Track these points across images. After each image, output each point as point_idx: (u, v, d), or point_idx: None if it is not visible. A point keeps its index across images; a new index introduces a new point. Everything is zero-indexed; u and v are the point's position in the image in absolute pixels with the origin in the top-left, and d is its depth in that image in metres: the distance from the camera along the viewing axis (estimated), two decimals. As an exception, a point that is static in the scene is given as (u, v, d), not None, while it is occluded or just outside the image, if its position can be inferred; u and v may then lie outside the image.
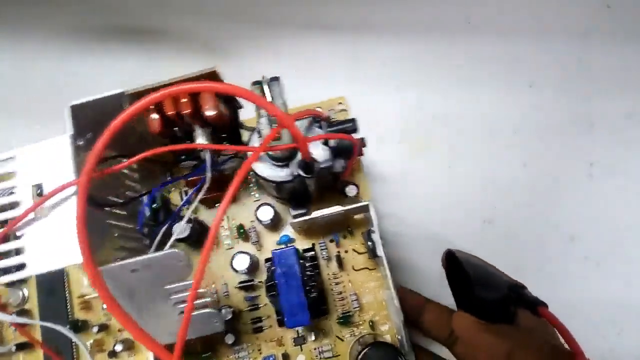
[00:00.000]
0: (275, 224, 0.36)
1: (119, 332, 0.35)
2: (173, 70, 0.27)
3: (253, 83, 0.30)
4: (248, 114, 0.33)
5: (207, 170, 0.28)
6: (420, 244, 0.47)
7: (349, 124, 0.30)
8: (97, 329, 0.34)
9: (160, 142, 0.37)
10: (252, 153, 0.25)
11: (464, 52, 0.55)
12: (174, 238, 0.28)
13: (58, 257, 0.24)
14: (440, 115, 0.52)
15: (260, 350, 0.34)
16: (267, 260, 0.35)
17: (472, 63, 0.54)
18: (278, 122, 0.25)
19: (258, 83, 0.29)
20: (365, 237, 0.33)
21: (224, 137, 0.31)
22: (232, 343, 0.33)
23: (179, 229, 0.30)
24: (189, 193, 0.35)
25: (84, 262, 0.22)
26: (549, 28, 0.55)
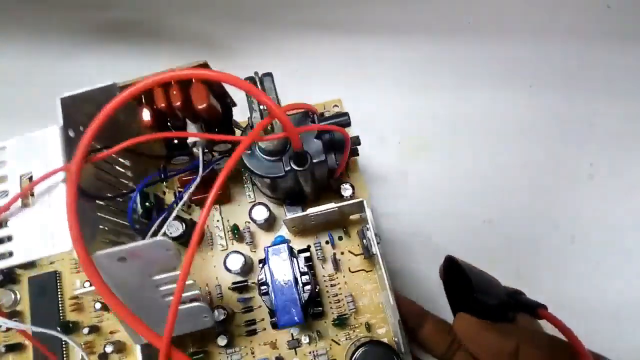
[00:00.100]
0: (270, 225, 0.36)
1: (110, 334, 0.34)
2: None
3: (246, 79, 0.29)
4: (243, 117, 0.33)
5: (199, 162, 0.27)
6: (420, 244, 0.46)
7: (342, 118, 0.29)
8: (87, 330, 0.34)
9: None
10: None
11: (464, 52, 0.55)
12: (164, 230, 0.28)
13: (46, 244, 0.23)
14: (440, 115, 0.52)
15: (254, 353, 0.33)
16: (261, 262, 0.34)
17: (472, 63, 0.54)
18: (268, 111, 0.24)
19: (251, 79, 0.29)
20: (361, 235, 0.32)
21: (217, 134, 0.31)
22: (224, 345, 0.32)
23: (169, 222, 0.29)
24: (182, 191, 0.35)
25: (74, 244, 0.21)
26: (549, 28, 0.55)
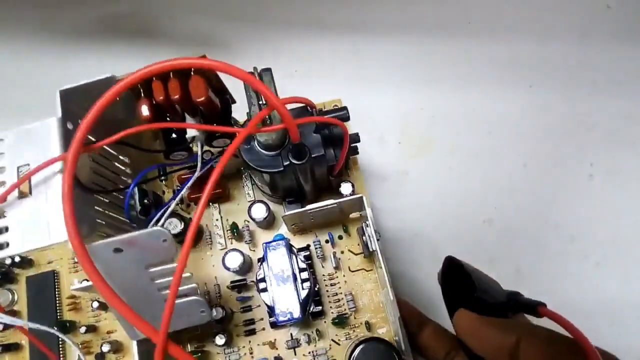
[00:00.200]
0: (270, 223, 0.36)
1: (107, 333, 0.34)
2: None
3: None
4: (243, 117, 0.33)
5: (198, 157, 0.27)
6: (420, 244, 0.46)
7: (341, 112, 0.29)
8: (84, 330, 0.33)
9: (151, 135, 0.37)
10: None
11: (464, 52, 0.54)
12: (162, 222, 0.28)
13: (43, 235, 0.23)
14: (440, 115, 0.52)
15: (252, 353, 0.33)
16: (260, 260, 0.34)
17: (472, 63, 0.54)
18: (266, 101, 0.24)
19: (250, 74, 0.28)
20: (360, 232, 0.32)
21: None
22: (222, 344, 0.32)
23: (166, 216, 0.29)
24: (180, 188, 0.34)
25: (68, 231, 0.21)
26: (549, 28, 0.55)
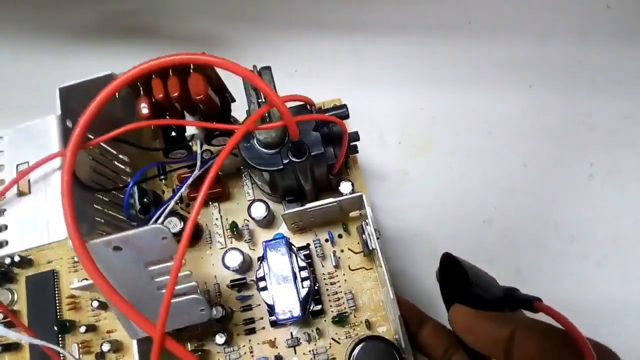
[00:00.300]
0: (269, 222, 0.36)
1: (107, 333, 0.34)
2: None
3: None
4: (243, 116, 0.33)
5: (197, 156, 0.27)
6: (420, 244, 0.46)
7: (341, 110, 0.29)
8: (84, 329, 0.33)
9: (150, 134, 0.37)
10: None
11: (464, 52, 0.55)
12: (162, 221, 0.27)
13: (42, 233, 0.23)
14: (440, 115, 0.52)
15: (252, 352, 0.33)
16: (260, 259, 0.34)
17: (472, 63, 0.54)
18: (265, 98, 0.24)
19: (250, 71, 0.28)
20: (360, 230, 0.32)
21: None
22: (222, 343, 0.32)
23: (165, 214, 0.29)
24: (179, 187, 0.34)
25: (67, 227, 0.21)
26: (549, 28, 0.55)
